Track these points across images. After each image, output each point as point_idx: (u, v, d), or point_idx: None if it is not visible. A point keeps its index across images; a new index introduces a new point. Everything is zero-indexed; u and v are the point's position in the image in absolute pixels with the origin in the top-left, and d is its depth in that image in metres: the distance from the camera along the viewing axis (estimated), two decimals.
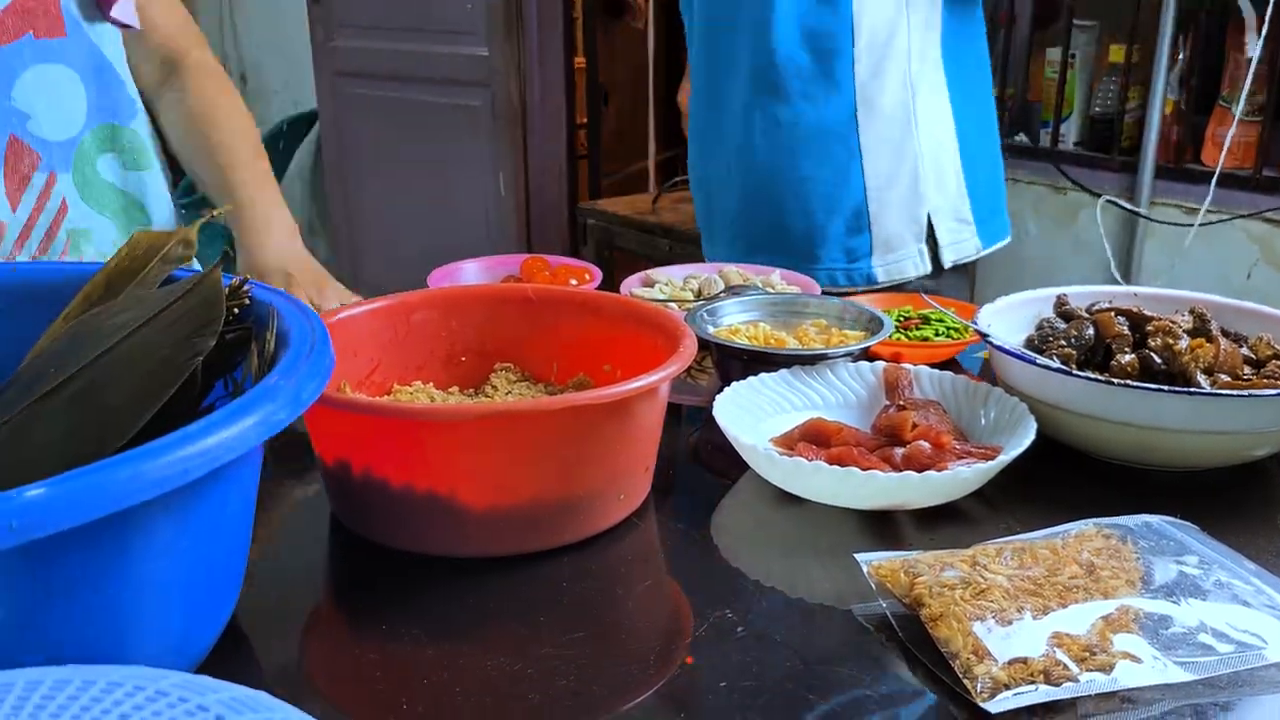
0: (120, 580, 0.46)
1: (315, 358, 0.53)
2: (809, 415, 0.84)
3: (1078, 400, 0.79)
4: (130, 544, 0.46)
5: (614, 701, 0.55)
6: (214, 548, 0.52)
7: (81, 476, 0.40)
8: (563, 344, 0.86)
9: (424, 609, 0.63)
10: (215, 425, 0.45)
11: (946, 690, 0.55)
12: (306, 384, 0.51)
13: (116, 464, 0.41)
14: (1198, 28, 2.21)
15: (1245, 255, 2.20)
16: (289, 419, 0.48)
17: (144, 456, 0.42)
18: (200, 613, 0.54)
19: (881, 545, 0.70)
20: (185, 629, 0.52)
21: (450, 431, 0.65)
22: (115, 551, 0.45)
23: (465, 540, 0.68)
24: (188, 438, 0.44)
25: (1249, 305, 0.93)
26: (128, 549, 0.46)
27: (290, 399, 0.49)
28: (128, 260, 0.62)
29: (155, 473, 0.42)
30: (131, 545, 0.46)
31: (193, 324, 0.55)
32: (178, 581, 0.50)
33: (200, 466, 0.44)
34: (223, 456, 0.45)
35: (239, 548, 0.57)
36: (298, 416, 0.49)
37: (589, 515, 0.70)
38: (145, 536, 0.46)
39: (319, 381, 0.52)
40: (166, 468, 0.43)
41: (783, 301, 1.01)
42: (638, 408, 0.70)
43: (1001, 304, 0.95)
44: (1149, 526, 0.68)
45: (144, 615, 0.48)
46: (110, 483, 0.41)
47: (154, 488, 0.42)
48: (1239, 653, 0.57)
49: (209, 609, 0.55)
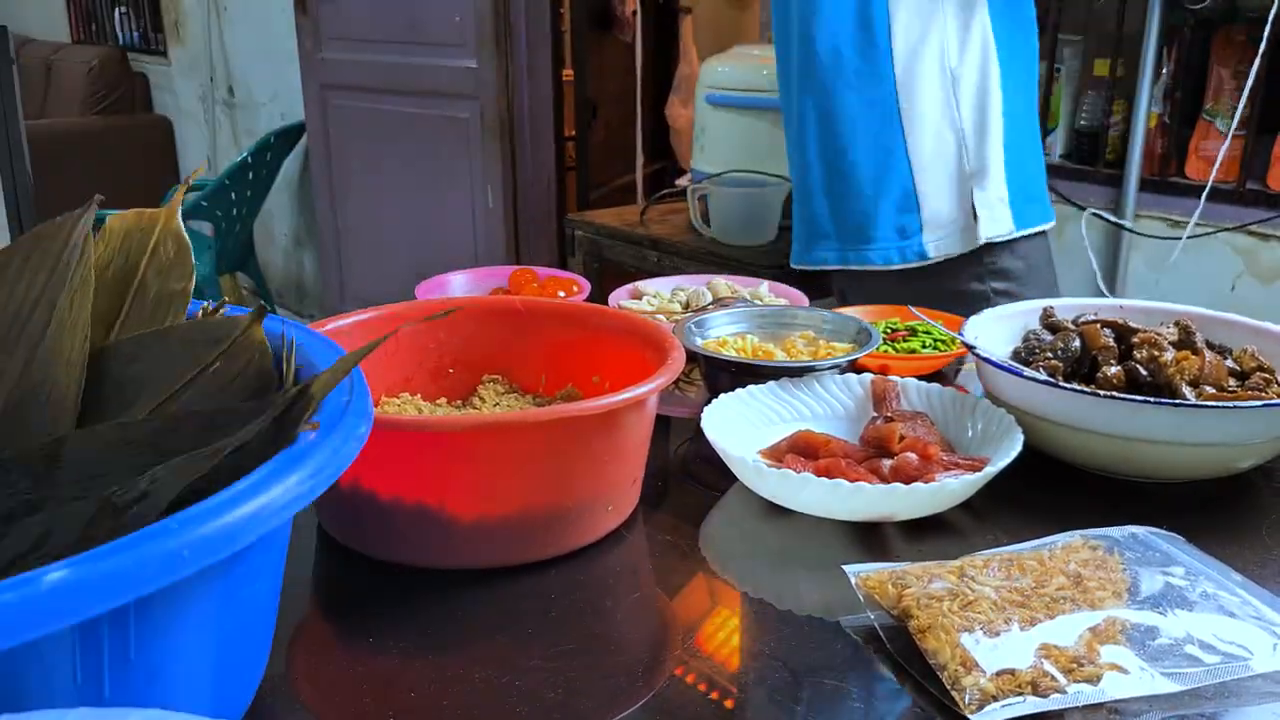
0: (159, 652, 0.42)
1: (357, 402, 0.49)
2: (797, 427, 0.84)
3: (1064, 412, 0.79)
4: (168, 614, 0.42)
5: (602, 714, 0.55)
6: (252, 608, 0.50)
7: (112, 554, 0.35)
8: (551, 355, 0.86)
9: (411, 621, 0.63)
10: (259, 487, 0.40)
11: (934, 702, 0.55)
12: (355, 429, 0.47)
13: (148, 537, 0.36)
14: (1182, 42, 2.23)
15: (1229, 267, 2.21)
16: (338, 472, 0.45)
17: (185, 525, 0.37)
18: (239, 672, 0.51)
19: (869, 557, 0.70)
20: (220, 694, 0.49)
21: (438, 443, 0.65)
22: (150, 623, 0.41)
23: (453, 552, 0.67)
24: (231, 502, 0.39)
25: (1234, 317, 0.93)
26: (166, 620, 0.41)
27: (344, 447, 0.45)
28: (110, 256, 0.57)
29: (185, 553, 0.37)
30: (169, 616, 0.42)
31: (238, 395, 0.51)
32: (218, 645, 0.46)
33: (248, 534, 0.39)
34: (270, 522, 0.40)
35: (273, 605, 0.54)
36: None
37: (577, 527, 0.70)
38: (184, 605, 0.42)
39: (366, 427, 0.48)
40: (205, 545, 0.37)
41: (771, 314, 1.02)
42: (626, 419, 0.70)
43: (988, 316, 0.95)
44: (1135, 538, 0.68)
45: (182, 683, 0.44)
46: (143, 560, 0.36)
47: (189, 565, 0.37)
48: (1225, 664, 0.57)
49: (247, 668, 0.52)
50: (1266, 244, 2.16)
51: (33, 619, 0.33)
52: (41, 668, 0.37)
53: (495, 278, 1.21)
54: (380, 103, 3.43)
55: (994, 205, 1.45)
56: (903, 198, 1.45)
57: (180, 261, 0.57)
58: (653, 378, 0.70)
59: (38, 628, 0.33)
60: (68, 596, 0.34)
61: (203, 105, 4.73)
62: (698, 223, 2.25)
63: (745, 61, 2.29)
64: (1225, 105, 2.19)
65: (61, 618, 0.34)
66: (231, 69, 4.53)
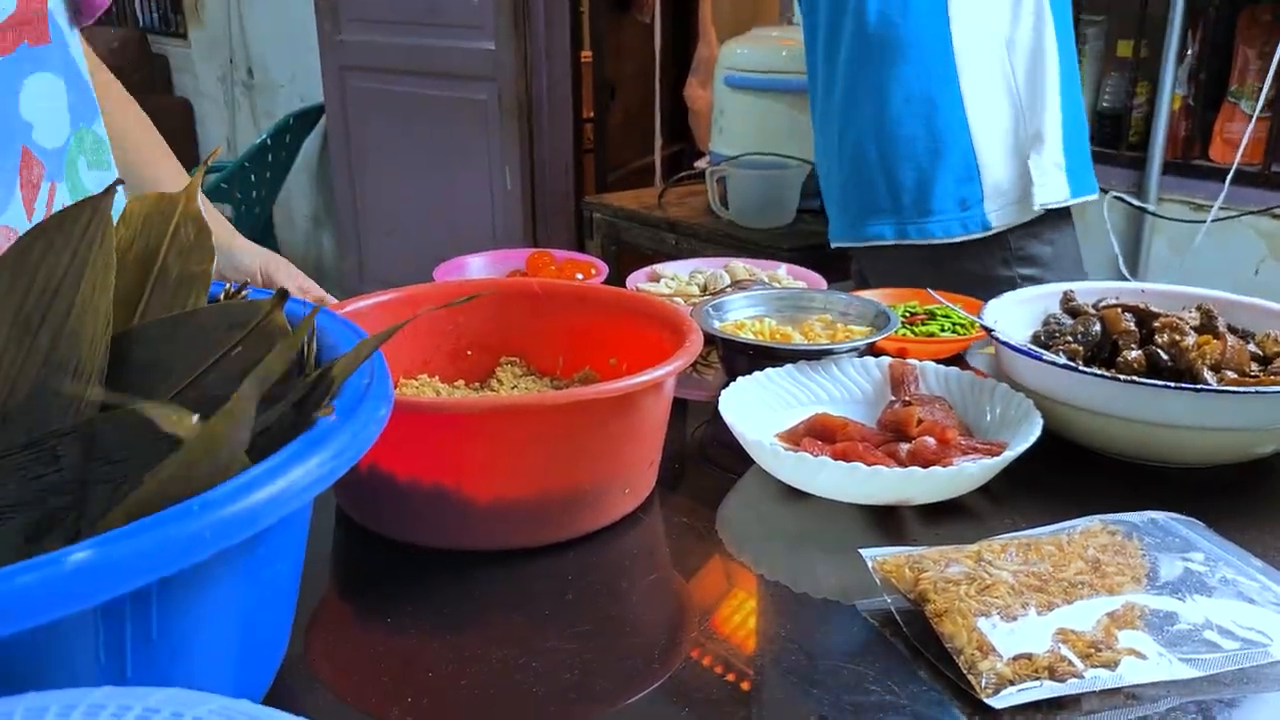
0: (181, 632, 0.42)
1: (378, 385, 0.49)
2: (814, 410, 0.84)
3: (1083, 396, 0.79)
4: (193, 593, 0.42)
5: (618, 695, 0.55)
6: (274, 589, 0.50)
7: (141, 532, 0.35)
8: (568, 338, 0.86)
9: (428, 601, 0.63)
10: (281, 469, 0.41)
11: (951, 686, 0.55)
12: (375, 412, 0.47)
13: (171, 518, 0.36)
14: (1207, 23, 2.20)
15: (1253, 251, 2.19)
16: (359, 454, 0.45)
17: (207, 507, 0.37)
18: (261, 653, 0.51)
19: (886, 541, 0.70)
20: (242, 674, 0.49)
21: (456, 425, 0.65)
22: (173, 603, 0.41)
23: (471, 533, 0.68)
24: (253, 484, 0.39)
25: (1257, 301, 0.92)
26: (188, 600, 0.42)
27: (364, 430, 0.46)
28: (130, 239, 0.57)
29: (212, 532, 0.37)
30: (192, 596, 0.42)
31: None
32: (240, 625, 0.46)
33: (269, 515, 0.39)
34: (291, 503, 0.40)
35: (294, 586, 0.54)
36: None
37: (594, 509, 0.70)
38: (207, 586, 0.43)
39: (386, 409, 0.48)
40: (226, 526, 0.37)
41: (789, 296, 1.01)
42: (643, 402, 0.70)
43: (1008, 299, 0.95)
44: (1155, 523, 0.68)
45: (204, 663, 0.45)
46: (166, 541, 0.36)
47: (210, 546, 0.37)
48: (1244, 650, 0.56)
49: (268, 648, 0.52)
50: None
51: (56, 599, 0.33)
52: (65, 647, 0.37)
53: (513, 260, 1.21)
54: (399, 84, 3.43)
55: (1050, 171, 1.44)
56: (963, 168, 1.44)
57: (200, 244, 0.57)
58: (669, 361, 0.70)
59: (61, 608, 0.34)
60: (91, 577, 0.34)
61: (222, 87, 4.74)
62: (716, 205, 2.24)
63: (764, 43, 2.28)
64: (1250, 87, 2.16)
65: (84, 598, 0.34)
66: (251, 51, 4.53)
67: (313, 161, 4.31)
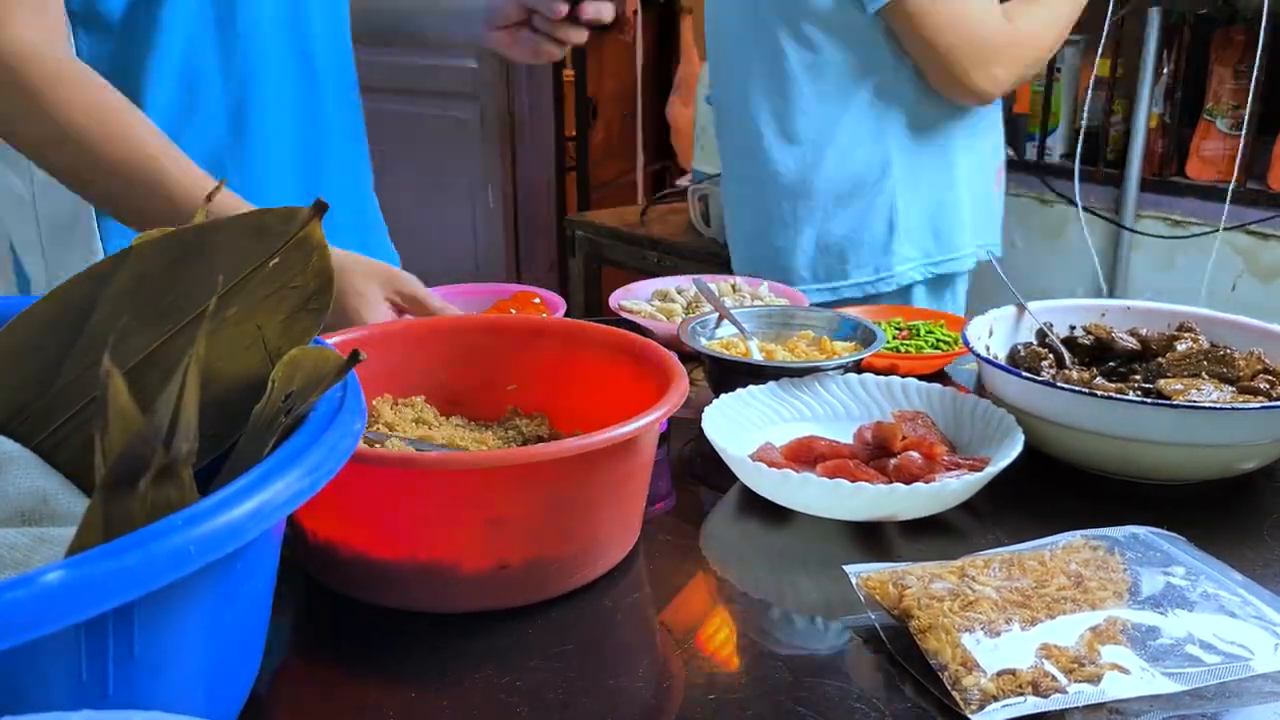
0: (163, 648, 0.42)
1: (351, 399, 0.49)
2: (798, 427, 0.84)
3: (1063, 412, 0.79)
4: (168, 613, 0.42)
5: (603, 715, 0.55)
6: (251, 605, 0.49)
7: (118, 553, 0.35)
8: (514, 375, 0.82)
9: (409, 618, 0.63)
10: (260, 483, 0.41)
11: (935, 702, 0.55)
12: (350, 425, 0.47)
13: (154, 534, 0.36)
14: (1182, 42, 2.23)
15: (1230, 267, 2.21)
16: (337, 467, 0.45)
17: (190, 522, 0.37)
18: (236, 672, 0.51)
19: (870, 557, 0.70)
20: (218, 693, 0.49)
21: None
22: (155, 620, 0.41)
23: (451, 600, 0.64)
24: (234, 499, 0.39)
25: (1237, 318, 0.93)
26: (169, 617, 0.42)
27: (340, 444, 0.46)
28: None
29: (188, 552, 0.37)
30: (173, 612, 0.42)
31: (296, 300, 0.50)
32: (219, 641, 0.46)
33: (251, 529, 0.39)
34: (272, 517, 0.41)
35: (268, 602, 0.53)
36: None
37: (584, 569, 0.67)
38: (188, 602, 0.42)
39: (361, 423, 0.48)
40: (209, 541, 0.37)
41: (776, 314, 1.02)
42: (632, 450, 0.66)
43: (991, 316, 0.95)
44: (1136, 538, 0.68)
45: (182, 682, 0.44)
46: (150, 557, 0.36)
47: (194, 561, 0.37)
48: (1226, 664, 0.57)
49: (244, 664, 0.52)
50: (1267, 243, 2.16)
51: (42, 616, 0.33)
52: (48, 664, 0.37)
53: (474, 296, 1.16)
54: (381, 103, 3.40)
55: None
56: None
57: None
58: (652, 410, 0.65)
59: (47, 624, 0.33)
60: (76, 593, 0.34)
61: None
62: (698, 223, 2.25)
63: None
64: (1226, 105, 2.19)
65: (70, 614, 0.34)
66: None
67: None
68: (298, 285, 0.51)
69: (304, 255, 0.52)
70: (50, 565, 0.34)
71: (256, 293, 0.51)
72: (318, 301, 0.52)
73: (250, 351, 0.51)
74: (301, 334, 0.52)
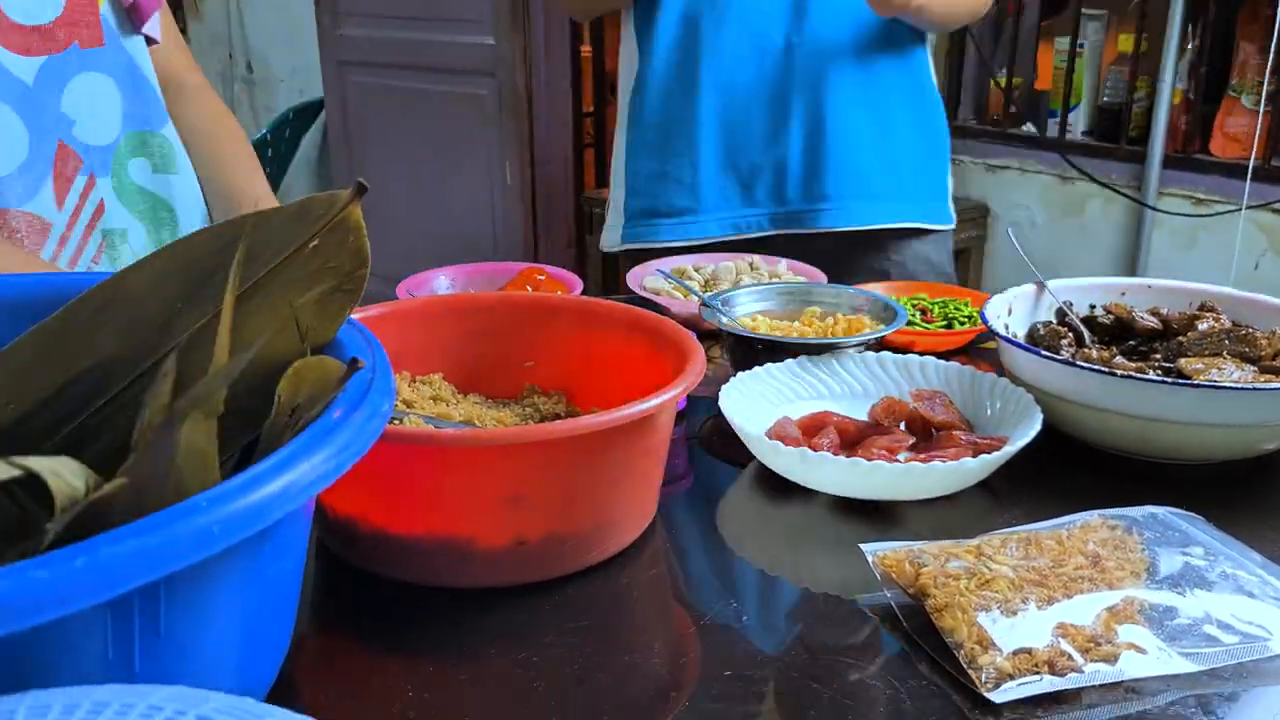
0: (189, 627, 0.42)
1: (380, 379, 0.49)
2: (816, 405, 0.84)
3: (1083, 392, 0.79)
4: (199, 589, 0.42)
5: (619, 690, 0.55)
6: (279, 584, 0.50)
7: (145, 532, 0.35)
8: (532, 355, 0.82)
9: (427, 596, 0.63)
10: (286, 464, 0.40)
11: (951, 680, 0.55)
12: (379, 406, 0.47)
13: (179, 514, 0.36)
14: (1207, 17, 2.20)
15: (1254, 245, 2.19)
16: (364, 448, 0.45)
17: (214, 502, 0.37)
18: (265, 649, 0.51)
19: (887, 535, 0.70)
20: (247, 670, 0.49)
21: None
22: (181, 599, 0.41)
23: (473, 574, 0.65)
24: (259, 479, 0.39)
25: (1259, 297, 0.92)
26: (196, 596, 0.42)
27: (368, 424, 0.45)
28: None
29: (205, 535, 0.37)
30: (199, 592, 0.42)
31: (331, 278, 0.51)
32: (246, 620, 0.46)
33: (276, 510, 0.39)
34: (298, 498, 0.40)
35: (297, 580, 0.54)
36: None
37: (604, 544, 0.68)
38: (214, 582, 0.43)
39: (389, 404, 0.49)
40: (234, 521, 0.38)
41: (797, 291, 1.01)
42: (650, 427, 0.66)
43: (1011, 294, 0.95)
44: (1154, 517, 0.68)
45: (210, 660, 0.45)
46: (174, 537, 0.36)
47: (218, 541, 0.37)
48: (1244, 644, 0.57)
49: (273, 645, 0.52)
50: None
51: (67, 594, 0.34)
52: (74, 643, 0.38)
53: (486, 274, 1.15)
54: (398, 79, 3.42)
55: None
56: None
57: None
58: (666, 390, 0.65)
59: (71, 603, 0.34)
60: (101, 573, 0.34)
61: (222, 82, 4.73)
62: None
63: None
64: (1251, 81, 2.16)
65: (94, 594, 0.34)
66: (250, 45, 4.53)
67: (312, 156, 4.30)
68: (334, 265, 0.52)
69: (341, 236, 0.53)
70: (75, 546, 0.34)
71: (294, 274, 0.52)
72: (352, 282, 0.53)
73: (284, 333, 0.52)
74: (335, 314, 0.53)
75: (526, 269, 1.14)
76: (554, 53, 3.14)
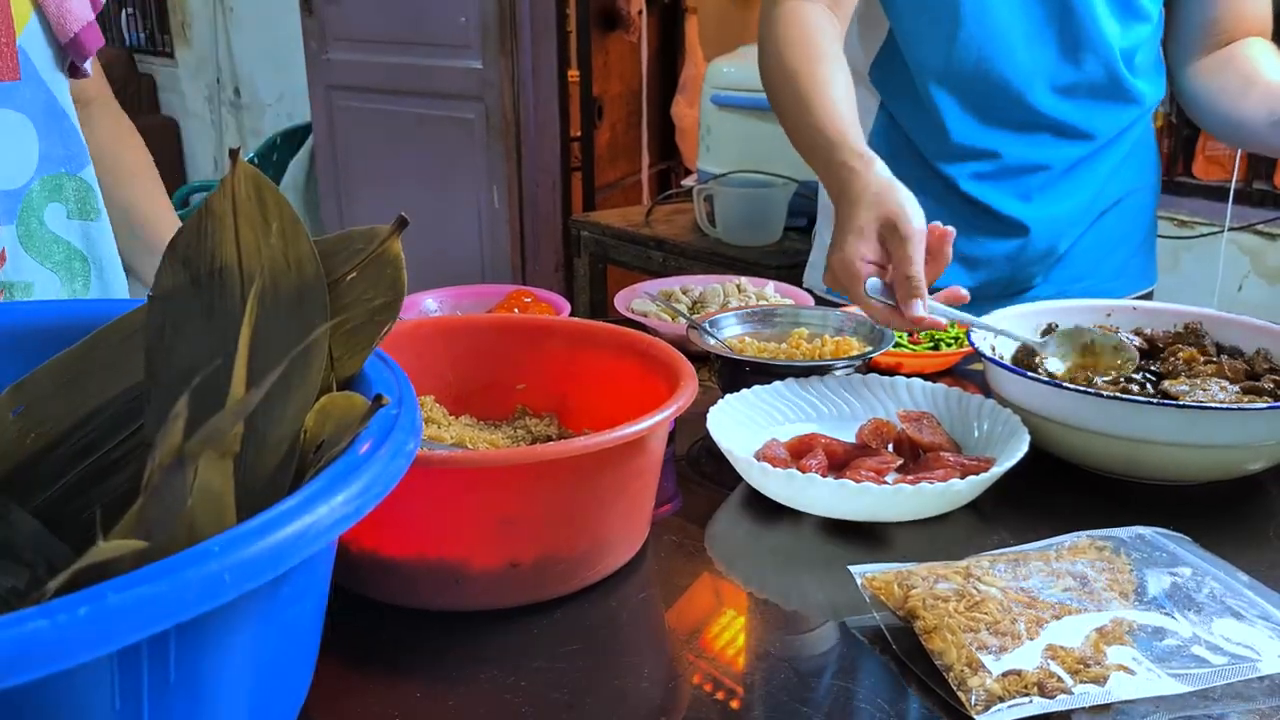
0: (200, 676, 0.39)
1: (406, 416, 0.47)
2: (804, 427, 0.84)
3: (1069, 412, 0.79)
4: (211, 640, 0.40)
5: (608, 715, 0.55)
6: (296, 631, 0.47)
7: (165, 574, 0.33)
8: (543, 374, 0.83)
9: (416, 617, 0.63)
10: (304, 507, 0.38)
11: (940, 703, 0.55)
12: (404, 445, 0.45)
13: (188, 561, 0.34)
14: None
15: (1236, 267, 2.21)
16: (387, 489, 0.42)
17: (227, 548, 0.35)
18: (281, 699, 0.48)
19: (876, 557, 0.70)
20: (261, 717, 0.46)
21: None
22: (192, 647, 0.38)
23: (460, 596, 0.65)
24: (275, 523, 0.36)
25: (1244, 318, 0.93)
26: (207, 644, 0.39)
27: (391, 463, 0.43)
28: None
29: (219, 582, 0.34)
30: (211, 639, 0.40)
31: (368, 308, 0.51)
32: (262, 669, 0.44)
33: (292, 556, 0.37)
34: (316, 543, 0.38)
35: (317, 626, 0.51)
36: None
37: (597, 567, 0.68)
38: (227, 629, 0.40)
39: (415, 443, 0.46)
40: (247, 568, 0.35)
41: (785, 314, 1.02)
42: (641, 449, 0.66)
43: (999, 315, 0.95)
44: (1142, 538, 0.68)
45: (223, 711, 0.42)
46: (183, 585, 0.34)
47: (230, 590, 0.35)
48: (1233, 665, 0.57)
49: (289, 693, 0.49)
50: (1273, 244, 2.16)
51: (70, 646, 0.31)
52: (79, 693, 0.36)
53: (477, 297, 1.15)
54: (386, 103, 3.43)
55: None
56: None
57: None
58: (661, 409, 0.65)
59: (74, 656, 0.31)
60: (106, 623, 0.32)
61: (209, 106, 4.74)
62: (703, 223, 2.25)
63: (750, 62, 2.27)
64: None
65: (99, 645, 0.32)
66: (238, 70, 4.54)
67: (300, 180, 4.31)
68: (368, 298, 0.52)
69: (379, 269, 0.52)
70: (78, 594, 0.32)
71: (329, 305, 0.51)
72: (385, 314, 0.52)
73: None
74: (364, 343, 0.52)
75: (514, 291, 1.14)
76: (541, 77, 3.16)
